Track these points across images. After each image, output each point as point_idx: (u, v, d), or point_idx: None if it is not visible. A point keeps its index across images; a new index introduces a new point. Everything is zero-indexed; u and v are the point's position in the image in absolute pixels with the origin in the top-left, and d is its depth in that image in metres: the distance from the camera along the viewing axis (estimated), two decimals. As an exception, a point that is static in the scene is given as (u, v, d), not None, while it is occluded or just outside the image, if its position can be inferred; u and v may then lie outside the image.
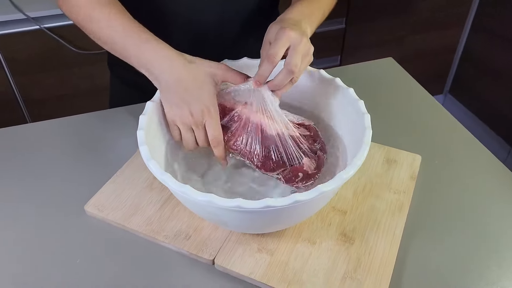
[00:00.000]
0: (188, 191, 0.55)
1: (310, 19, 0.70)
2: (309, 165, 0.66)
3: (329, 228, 0.69)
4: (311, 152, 0.67)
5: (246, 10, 0.88)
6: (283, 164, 0.66)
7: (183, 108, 0.64)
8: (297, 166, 0.65)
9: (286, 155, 0.66)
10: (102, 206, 0.73)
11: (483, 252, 0.67)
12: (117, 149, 0.85)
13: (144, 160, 0.59)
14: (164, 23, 0.86)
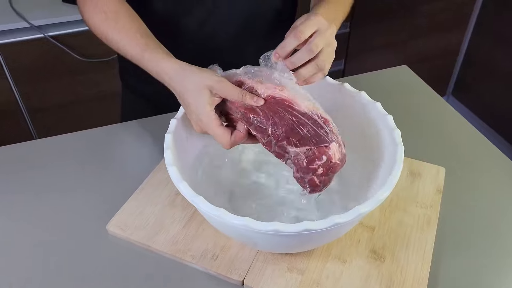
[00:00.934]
0: (222, 215, 0.53)
1: (335, 23, 0.71)
2: (335, 152, 0.58)
3: (358, 245, 0.68)
4: (340, 141, 0.60)
5: (264, 17, 0.87)
6: (308, 141, 0.58)
7: (190, 118, 0.64)
8: (323, 147, 0.58)
9: (314, 131, 0.58)
10: (124, 225, 0.71)
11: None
12: (134, 164, 0.83)
13: (174, 182, 0.58)
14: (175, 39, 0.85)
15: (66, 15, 1.48)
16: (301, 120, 0.59)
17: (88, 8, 0.72)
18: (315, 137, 0.58)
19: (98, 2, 0.71)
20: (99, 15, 0.71)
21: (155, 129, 0.91)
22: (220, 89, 0.59)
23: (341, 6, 0.77)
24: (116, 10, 0.71)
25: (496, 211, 0.75)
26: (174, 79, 0.62)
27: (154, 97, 0.95)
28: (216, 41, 0.86)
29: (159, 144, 0.87)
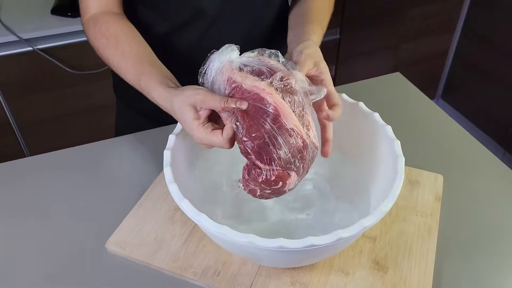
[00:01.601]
0: (227, 232, 0.53)
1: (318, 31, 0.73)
2: (291, 182, 0.57)
3: (360, 256, 0.68)
4: (304, 172, 0.58)
5: (257, 38, 0.88)
6: (275, 163, 0.55)
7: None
8: (285, 174, 0.55)
9: (286, 156, 0.55)
10: (123, 243, 0.70)
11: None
12: (131, 179, 0.82)
13: (176, 201, 0.57)
14: (170, 52, 0.85)
15: (55, 27, 1.47)
16: (278, 139, 0.54)
17: (92, 32, 0.73)
18: (284, 162, 0.55)
19: (102, 26, 0.72)
20: (101, 40, 0.71)
21: (151, 142, 0.90)
22: (202, 103, 0.58)
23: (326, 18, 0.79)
24: (116, 34, 0.71)
25: (495, 216, 0.76)
26: (165, 106, 0.63)
27: (149, 111, 0.94)
28: None
29: (156, 158, 0.86)
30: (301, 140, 0.55)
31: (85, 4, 0.75)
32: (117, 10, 0.76)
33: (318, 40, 0.71)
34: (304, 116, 0.57)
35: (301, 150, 0.55)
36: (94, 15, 0.74)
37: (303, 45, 0.65)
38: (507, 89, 2.07)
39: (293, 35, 0.73)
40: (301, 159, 0.56)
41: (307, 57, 0.62)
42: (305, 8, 0.79)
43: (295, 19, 0.78)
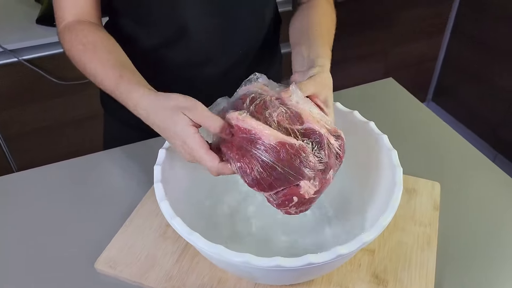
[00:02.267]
0: (222, 252, 0.51)
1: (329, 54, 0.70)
2: (306, 190, 0.55)
3: (359, 270, 0.66)
4: (317, 169, 0.55)
5: (247, 54, 0.86)
6: (277, 184, 0.54)
7: (175, 147, 0.60)
8: (292, 188, 0.55)
9: (283, 171, 0.53)
10: (114, 262, 0.68)
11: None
12: (120, 195, 0.80)
13: (167, 219, 0.55)
14: (156, 68, 0.82)
15: (41, 37, 1.43)
16: (269, 162, 0.53)
17: (68, 39, 0.70)
18: (284, 177, 0.53)
19: (78, 34, 0.69)
20: (78, 46, 0.69)
21: (140, 155, 0.88)
22: (195, 116, 0.56)
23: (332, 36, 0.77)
24: (94, 41, 0.69)
25: (494, 223, 0.74)
26: (148, 109, 0.59)
27: (138, 122, 0.92)
28: (201, 73, 0.84)
29: (146, 172, 0.84)
30: (289, 149, 0.53)
31: (60, 13, 0.73)
32: (94, 21, 0.74)
33: (329, 64, 0.68)
34: (290, 118, 0.56)
35: (294, 157, 0.53)
36: (69, 23, 0.72)
37: (316, 70, 0.63)
38: (497, 91, 2.08)
39: (303, 56, 0.69)
40: (302, 164, 0.54)
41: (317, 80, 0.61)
42: (311, 24, 0.75)
43: (301, 36, 0.74)
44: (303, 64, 0.68)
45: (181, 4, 0.74)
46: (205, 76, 0.85)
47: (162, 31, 0.79)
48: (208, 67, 0.84)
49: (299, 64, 0.69)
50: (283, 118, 0.56)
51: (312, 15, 0.78)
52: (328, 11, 0.79)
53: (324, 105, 0.60)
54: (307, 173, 0.54)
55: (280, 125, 0.55)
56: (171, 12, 0.75)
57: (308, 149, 0.54)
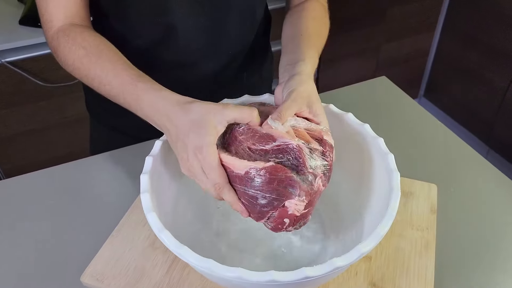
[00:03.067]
0: (213, 267, 0.48)
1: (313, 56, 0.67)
2: (295, 208, 0.51)
3: (356, 279, 0.64)
4: (299, 183, 0.51)
5: (237, 53, 0.83)
6: (265, 210, 0.53)
7: (183, 156, 0.56)
8: (280, 211, 0.52)
9: (263, 199, 0.52)
10: (101, 275, 0.65)
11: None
12: (107, 203, 0.77)
13: (155, 232, 0.52)
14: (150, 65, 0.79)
15: (24, 38, 1.39)
16: (249, 192, 0.52)
17: (64, 45, 0.66)
18: (268, 202, 0.52)
19: (76, 37, 0.65)
20: (78, 51, 0.64)
21: (128, 161, 0.85)
22: (227, 114, 0.53)
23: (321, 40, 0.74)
24: (97, 44, 0.65)
25: (492, 224, 0.73)
26: (173, 110, 0.56)
27: (125, 127, 0.89)
28: (192, 73, 0.82)
29: (134, 178, 0.81)
30: (261, 173, 0.51)
31: (48, 17, 0.68)
32: (85, 23, 0.70)
33: (311, 68, 0.64)
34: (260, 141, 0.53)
35: (270, 179, 0.51)
36: (62, 27, 0.67)
37: (294, 81, 0.59)
38: (488, 87, 2.07)
39: (286, 63, 0.66)
40: (280, 184, 0.51)
41: (297, 98, 0.57)
42: (299, 31, 0.71)
43: (289, 42, 0.71)
44: (285, 72, 0.64)
45: (169, 4, 0.71)
46: (194, 77, 0.82)
47: (150, 31, 0.75)
48: (197, 68, 0.81)
49: (281, 74, 0.66)
50: (253, 142, 0.53)
51: (301, 20, 0.74)
52: (320, 14, 0.76)
53: (312, 115, 0.58)
54: (289, 191, 0.51)
55: (252, 149, 0.53)
56: (159, 12, 0.72)
57: (280, 167, 0.51)
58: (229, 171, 0.53)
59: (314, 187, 0.52)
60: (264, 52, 0.92)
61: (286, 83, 0.60)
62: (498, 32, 1.96)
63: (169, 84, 0.80)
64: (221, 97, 0.70)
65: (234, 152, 0.54)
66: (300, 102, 0.56)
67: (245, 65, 0.85)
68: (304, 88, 0.58)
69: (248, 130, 0.54)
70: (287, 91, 0.58)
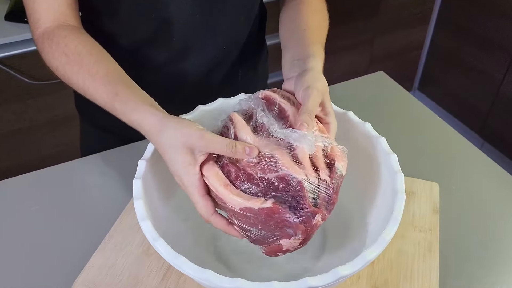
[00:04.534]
0: (211, 278, 0.46)
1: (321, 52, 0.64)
2: (290, 245, 0.50)
3: (358, 284, 0.62)
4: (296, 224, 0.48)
5: (235, 47, 0.80)
6: (258, 241, 0.52)
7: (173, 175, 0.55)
8: (274, 246, 0.51)
9: (258, 234, 0.50)
10: (93, 283, 0.62)
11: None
12: (99, 207, 0.74)
13: (150, 241, 0.50)
14: (143, 63, 0.76)
15: (10, 35, 1.35)
16: (243, 225, 0.50)
17: (48, 49, 0.63)
18: (263, 238, 0.50)
19: (60, 42, 0.62)
20: (61, 58, 0.61)
21: (120, 162, 0.82)
22: (204, 146, 0.50)
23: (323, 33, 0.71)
24: (78, 51, 0.61)
25: (496, 223, 0.71)
26: (150, 133, 0.54)
27: (115, 128, 0.86)
28: (187, 69, 0.79)
29: (126, 181, 0.78)
30: (257, 214, 0.48)
31: (35, 16, 0.64)
32: (74, 23, 0.66)
33: (321, 63, 0.62)
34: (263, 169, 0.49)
35: (266, 220, 0.48)
36: (47, 29, 0.64)
37: (309, 77, 0.56)
38: (483, 79, 2.06)
39: (292, 58, 0.63)
40: (277, 225, 0.48)
41: (317, 98, 0.54)
42: (301, 25, 0.69)
43: (291, 38, 0.68)
44: (293, 67, 0.62)
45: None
46: (188, 73, 0.79)
47: (144, 27, 0.72)
48: (191, 64, 0.78)
49: (288, 69, 0.63)
50: (255, 170, 0.49)
51: (301, 13, 0.72)
52: (319, 7, 0.74)
53: (323, 113, 0.55)
54: (286, 231, 0.48)
55: (251, 176, 0.49)
56: (154, 5, 0.69)
57: (277, 209, 0.47)
58: (221, 201, 0.50)
59: (312, 224, 0.48)
60: (259, 48, 0.90)
61: (298, 79, 0.57)
62: (491, 24, 1.94)
63: (162, 80, 0.78)
64: (216, 94, 0.68)
65: (231, 175, 0.50)
66: (319, 101, 0.54)
67: (240, 61, 0.82)
68: (320, 85, 0.56)
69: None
70: (303, 88, 0.55)
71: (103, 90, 0.58)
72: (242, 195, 0.48)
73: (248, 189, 0.49)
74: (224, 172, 0.50)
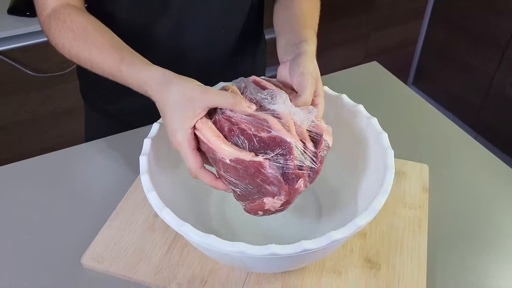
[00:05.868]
0: (214, 242, 0.49)
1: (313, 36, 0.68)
2: (272, 205, 0.53)
3: (352, 255, 0.65)
4: (281, 183, 0.51)
5: (232, 31, 0.84)
6: (243, 197, 0.55)
7: (168, 131, 0.58)
8: (257, 204, 0.54)
9: (244, 188, 0.53)
10: (101, 257, 0.65)
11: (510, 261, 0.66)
12: (104, 187, 0.78)
13: (156, 210, 0.53)
14: (144, 46, 0.80)
15: (14, 28, 1.38)
16: (232, 178, 0.53)
17: (55, 26, 0.66)
18: (249, 193, 0.53)
19: (66, 20, 0.66)
20: (68, 34, 0.65)
21: (123, 146, 0.85)
22: (206, 99, 0.53)
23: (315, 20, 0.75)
24: (83, 26, 0.65)
25: (483, 203, 0.75)
26: (154, 89, 0.57)
27: (120, 114, 0.89)
28: (186, 54, 0.82)
29: (130, 163, 0.81)
30: (246, 166, 0.51)
31: (42, 0, 0.68)
32: (78, 4, 0.70)
33: (314, 48, 0.66)
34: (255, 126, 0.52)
35: (254, 174, 0.51)
36: (54, 8, 0.68)
37: (302, 60, 0.60)
38: (476, 74, 2.10)
39: (286, 43, 0.67)
40: (263, 181, 0.51)
41: (312, 80, 0.58)
42: (294, 12, 0.73)
43: (285, 24, 0.72)
44: (287, 52, 0.66)
45: None
46: (188, 55, 0.83)
47: (144, 9, 0.76)
48: (189, 50, 0.81)
49: (283, 54, 0.67)
50: (248, 126, 0.52)
51: (294, 2, 0.76)
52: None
53: (314, 95, 0.59)
54: (270, 189, 0.51)
55: (244, 132, 0.52)
56: None
57: (267, 165, 0.50)
58: (212, 153, 0.53)
59: (295, 187, 0.51)
60: (257, 38, 0.93)
61: (292, 62, 0.61)
62: (484, 20, 1.98)
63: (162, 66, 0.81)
64: (216, 81, 0.71)
65: (224, 129, 0.53)
66: (314, 89, 0.58)
67: (238, 48, 0.86)
68: (313, 67, 0.60)
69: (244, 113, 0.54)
70: (298, 73, 0.59)
71: (109, 57, 0.62)
72: (234, 147, 0.52)
73: (240, 143, 0.52)
74: (217, 127, 0.54)
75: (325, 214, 0.70)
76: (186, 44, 0.81)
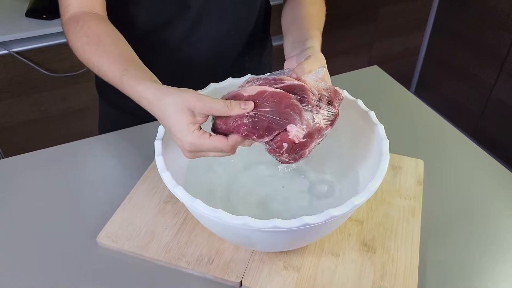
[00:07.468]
0: (222, 216, 0.54)
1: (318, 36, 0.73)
2: (295, 133, 0.55)
3: (349, 239, 0.70)
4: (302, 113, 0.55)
5: (241, 31, 0.89)
6: (267, 130, 0.56)
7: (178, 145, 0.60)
8: (281, 134, 0.56)
9: (267, 119, 0.55)
10: (115, 236, 0.70)
11: (494, 247, 0.70)
12: (117, 175, 0.83)
13: (170, 188, 0.58)
14: (159, 47, 0.85)
15: (31, 30, 1.45)
16: (254, 113, 0.56)
17: (73, 30, 0.71)
18: (272, 124, 0.55)
19: (84, 25, 0.70)
20: (82, 39, 0.69)
21: (135, 139, 0.90)
22: (202, 107, 0.55)
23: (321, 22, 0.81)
24: (98, 33, 0.69)
25: (473, 196, 0.79)
26: (152, 102, 0.59)
27: (133, 108, 0.94)
28: (198, 54, 0.87)
29: (142, 154, 0.86)
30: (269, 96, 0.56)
31: (65, 3, 0.73)
32: (100, 12, 0.74)
33: (319, 45, 0.71)
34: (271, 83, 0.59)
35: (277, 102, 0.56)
36: (75, 14, 0.72)
37: (309, 51, 0.65)
38: (477, 84, 2.15)
39: (293, 40, 0.72)
40: (287, 108, 0.55)
41: (315, 60, 0.63)
42: (302, 14, 0.78)
43: (292, 24, 0.77)
44: (294, 48, 0.71)
45: None
46: (199, 54, 0.87)
47: (164, 10, 0.81)
48: (199, 50, 0.87)
49: (290, 50, 0.72)
50: (264, 82, 0.59)
51: (301, 5, 0.81)
52: (318, 0, 0.83)
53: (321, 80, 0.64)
54: (293, 116, 0.55)
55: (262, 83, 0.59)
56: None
57: (289, 95, 0.56)
58: (239, 96, 0.58)
59: (314, 121, 0.56)
60: (264, 40, 0.99)
61: (299, 55, 0.66)
62: (486, 31, 2.04)
63: (173, 65, 0.86)
64: (222, 79, 0.76)
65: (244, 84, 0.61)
66: (315, 67, 0.62)
67: (246, 49, 0.91)
68: (318, 55, 0.65)
69: (257, 78, 0.61)
70: (304, 58, 0.63)
71: (114, 66, 0.65)
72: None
73: None
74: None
75: (328, 195, 0.74)
76: (199, 43, 0.86)
